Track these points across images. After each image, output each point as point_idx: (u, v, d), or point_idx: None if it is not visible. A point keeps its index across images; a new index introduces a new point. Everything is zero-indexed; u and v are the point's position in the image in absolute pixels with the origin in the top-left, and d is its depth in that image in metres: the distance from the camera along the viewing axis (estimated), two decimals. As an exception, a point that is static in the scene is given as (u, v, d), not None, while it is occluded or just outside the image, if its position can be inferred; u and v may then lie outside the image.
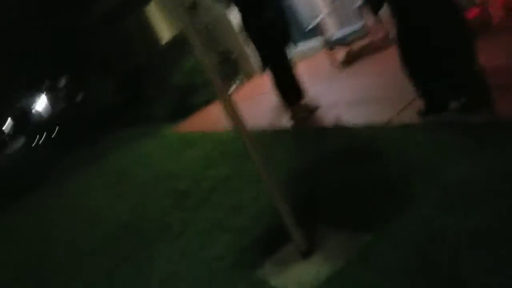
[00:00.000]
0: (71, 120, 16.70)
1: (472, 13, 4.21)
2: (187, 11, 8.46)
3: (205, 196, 3.70)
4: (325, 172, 3.03)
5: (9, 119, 31.99)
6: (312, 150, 3.60)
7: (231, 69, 8.23)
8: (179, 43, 10.05)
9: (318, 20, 6.06)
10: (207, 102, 8.04)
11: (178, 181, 4.44)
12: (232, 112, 2.09)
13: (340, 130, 3.72)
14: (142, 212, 4.11)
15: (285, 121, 4.61)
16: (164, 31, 11.01)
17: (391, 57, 3.33)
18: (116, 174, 6.47)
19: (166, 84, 9.07)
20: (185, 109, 8.30)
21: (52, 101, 23.01)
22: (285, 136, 4.37)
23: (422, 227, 1.97)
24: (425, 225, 1.98)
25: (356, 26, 5.71)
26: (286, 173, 3.29)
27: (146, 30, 11.02)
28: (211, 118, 6.93)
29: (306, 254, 2.13)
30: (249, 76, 8.63)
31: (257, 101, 6.48)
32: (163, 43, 11.00)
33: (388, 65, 4.23)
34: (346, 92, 4.62)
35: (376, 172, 2.65)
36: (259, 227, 2.71)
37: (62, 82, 18.70)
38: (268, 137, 4.48)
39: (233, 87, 8.25)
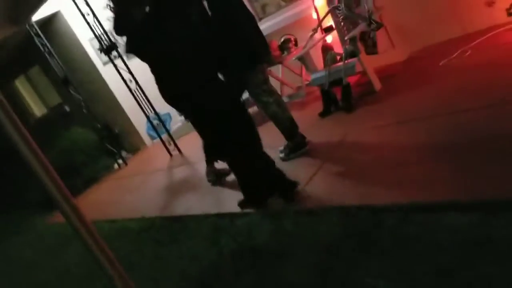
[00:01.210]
0: None
1: (352, 80, 4.25)
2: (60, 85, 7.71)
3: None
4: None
5: None
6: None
7: (114, 144, 7.49)
8: (53, 119, 9.12)
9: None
10: (88, 184, 7.17)
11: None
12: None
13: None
14: None
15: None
16: (37, 106, 10.00)
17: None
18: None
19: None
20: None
21: None
22: (177, 228, 3.77)
23: None
24: None
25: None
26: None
27: (16, 104, 9.91)
28: (92, 204, 6.07)
29: None
30: (136, 150, 7.97)
31: (145, 180, 5.83)
32: (36, 119, 9.97)
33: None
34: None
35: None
36: None
37: None
38: (152, 231, 3.87)
39: (116, 165, 7.48)
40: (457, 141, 2.68)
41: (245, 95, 3.79)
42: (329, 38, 4.93)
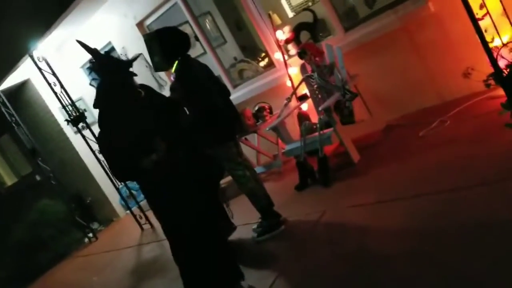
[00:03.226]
0: None
1: (329, 149, 4.04)
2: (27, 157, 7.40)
3: None
4: None
5: None
6: None
7: (86, 216, 7.08)
8: (23, 188, 8.71)
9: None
10: (56, 260, 6.70)
11: None
12: None
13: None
14: None
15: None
16: (8, 175, 9.60)
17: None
18: None
19: (6, 239, 7.50)
20: (31, 270, 6.80)
21: None
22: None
23: None
24: None
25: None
26: None
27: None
28: (57, 285, 5.62)
29: None
30: (109, 221, 7.55)
31: (113, 259, 5.40)
32: (6, 188, 9.54)
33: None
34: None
35: None
36: None
37: None
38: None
39: (86, 239, 7.02)
40: (437, 228, 2.41)
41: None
42: (305, 106, 4.76)
